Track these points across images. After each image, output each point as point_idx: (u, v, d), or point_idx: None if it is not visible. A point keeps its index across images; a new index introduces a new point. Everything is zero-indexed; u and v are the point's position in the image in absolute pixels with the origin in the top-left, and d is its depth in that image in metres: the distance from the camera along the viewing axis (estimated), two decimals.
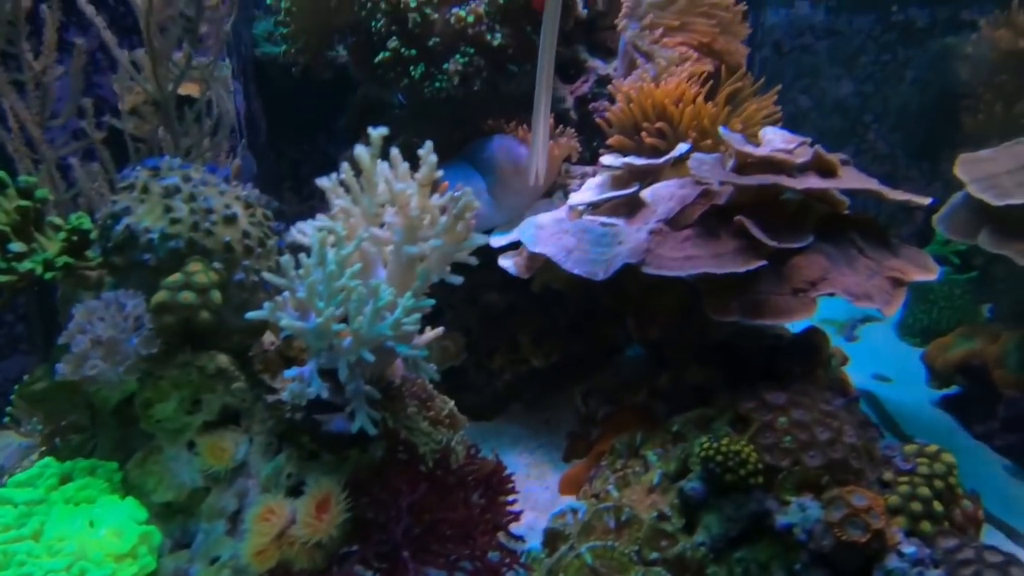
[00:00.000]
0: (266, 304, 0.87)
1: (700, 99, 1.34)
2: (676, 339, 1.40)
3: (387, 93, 1.72)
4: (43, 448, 1.07)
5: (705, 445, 0.98)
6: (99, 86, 1.42)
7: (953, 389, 1.58)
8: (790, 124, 1.87)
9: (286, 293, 0.90)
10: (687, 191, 1.16)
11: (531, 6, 1.30)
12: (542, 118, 1.14)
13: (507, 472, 1.10)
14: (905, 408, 1.62)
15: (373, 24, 1.35)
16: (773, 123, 1.44)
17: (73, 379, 0.81)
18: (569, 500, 1.24)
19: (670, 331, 1.41)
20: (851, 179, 1.20)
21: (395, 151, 1.03)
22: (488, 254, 1.45)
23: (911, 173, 2.49)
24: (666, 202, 1.17)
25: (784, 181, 1.10)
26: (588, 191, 1.38)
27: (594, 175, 1.45)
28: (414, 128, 1.62)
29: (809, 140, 1.24)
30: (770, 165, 1.19)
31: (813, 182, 1.13)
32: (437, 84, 1.38)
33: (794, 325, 1.34)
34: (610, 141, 1.44)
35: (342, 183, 1.03)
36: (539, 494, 1.31)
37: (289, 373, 0.88)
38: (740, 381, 1.25)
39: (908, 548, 0.87)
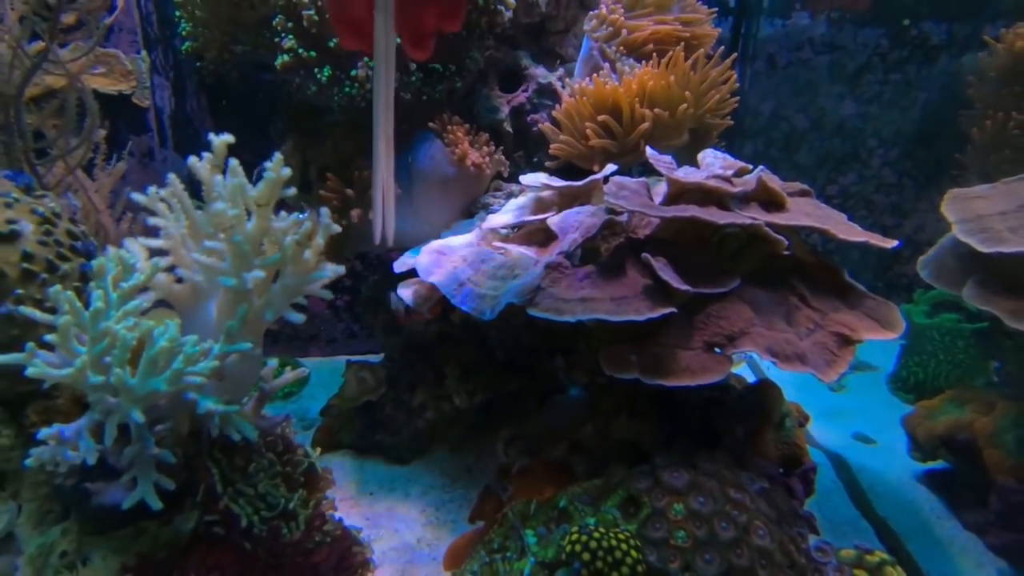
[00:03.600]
0: (28, 345, 0.72)
1: (652, 84, 1.16)
2: (606, 385, 1.21)
3: (321, 98, 1.59)
4: None
5: (574, 536, 0.79)
6: None
7: (940, 464, 1.34)
8: (784, 145, 1.67)
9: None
10: (595, 220, 0.98)
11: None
12: (383, 166, 0.95)
13: (357, 547, 0.93)
14: (882, 481, 1.39)
15: (276, 20, 1.21)
16: (730, 90, 1.23)
17: None
18: None
19: (599, 375, 1.22)
20: (799, 214, 0.99)
21: (233, 162, 0.88)
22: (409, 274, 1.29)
23: (921, 205, 2.24)
24: (572, 232, 0.98)
25: (708, 214, 0.90)
26: (508, 214, 1.20)
27: (520, 194, 1.28)
28: (349, 137, 1.47)
29: (751, 167, 1.04)
30: (703, 194, 0.99)
31: (744, 216, 0.93)
32: (347, 90, 1.23)
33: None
34: (553, 148, 1.27)
35: (164, 200, 0.88)
36: (423, 567, 1.12)
37: (45, 432, 0.72)
38: (675, 439, 1.06)
39: None
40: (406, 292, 1.18)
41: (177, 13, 1.37)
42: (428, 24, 0.91)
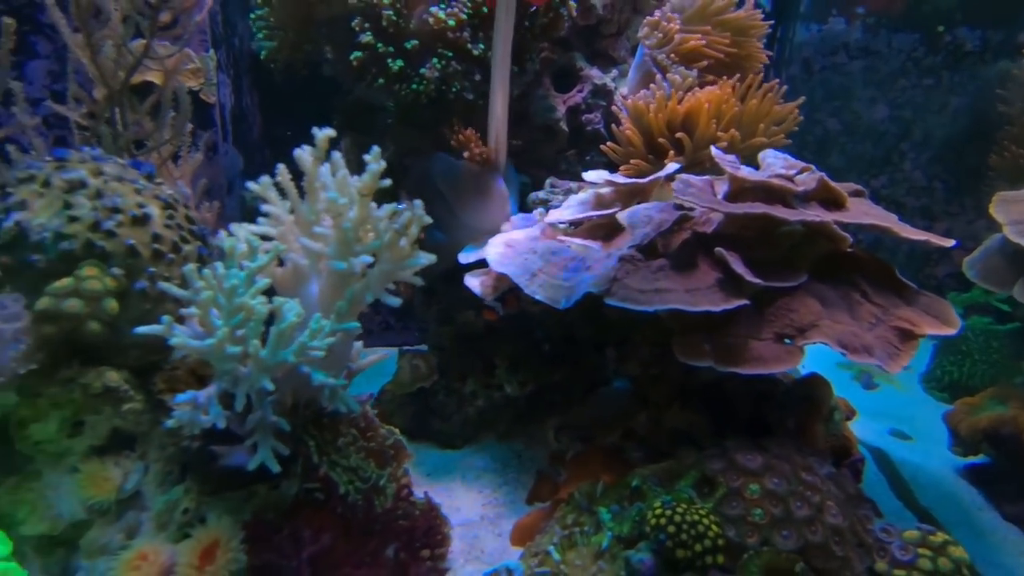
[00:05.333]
0: (164, 318, 0.78)
1: (719, 97, 1.21)
2: (658, 376, 1.26)
3: (376, 96, 1.64)
4: None
5: (658, 511, 0.84)
6: (76, 71, 1.38)
7: (980, 458, 1.39)
8: (817, 148, 1.71)
9: (193, 307, 0.81)
10: (666, 215, 1.03)
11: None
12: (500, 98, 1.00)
13: (441, 520, 0.98)
14: (923, 474, 1.43)
15: (355, 22, 1.26)
16: (778, 124, 1.28)
17: None
18: (518, 553, 1.11)
19: (651, 367, 1.27)
20: (860, 213, 1.04)
21: (336, 155, 0.93)
22: (465, 269, 1.34)
23: (952, 208, 2.28)
24: (643, 226, 1.04)
25: (777, 211, 0.96)
26: (569, 209, 1.26)
27: (579, 191, 1.33)
28: (401, 133, 1.53)
29: (812, 167, 1.09)
30: (767, 192, 1.04)
31: (813, 213, 0.98)
32: (414, 86, 1.29)
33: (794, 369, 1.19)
34: (624, 169, 1.31)
35: (277, 186, 0.94)
36: (488, 542, 1.18)
37: (181, 397, 0.78)
38: (726, 430, 1.11)
39: None
40: (474, 282, 1.23)
41: (252, 16, 1.42)
42: None
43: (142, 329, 0.76)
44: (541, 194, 1.36)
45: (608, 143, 1.36)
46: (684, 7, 1.43)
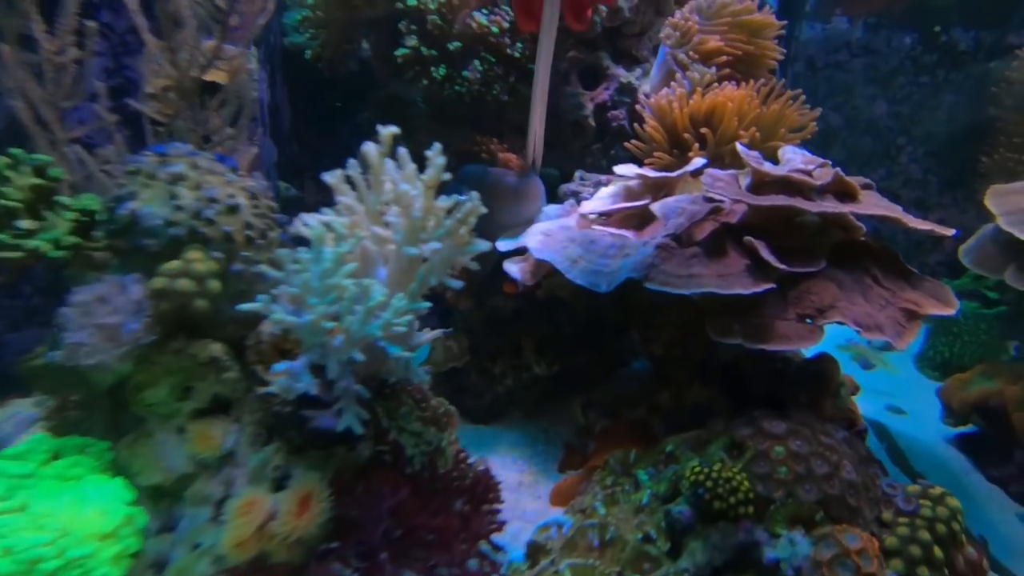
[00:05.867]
0: (260, 296, 0.87)
1: (742, 98, 1.32)
2: (680, 356, 1.37)
3: (408, 91, 1.73)
4: (45, 422, 1.10)
5: (696, 469, 0.96)
6: (128, 68, 1.45)
7: (969, 428, 1.52)
8: (820, 142, 1.83)
9: (283, 286, 0.90)
10: (697, 207, 1.13)
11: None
12: (539, 105, 1.10)
13: (495, 480, 1.09)
14: (917, 444, 1.57)
15: (401, 24, 1.35)
16: (798, 131, 1.40)
17: (68, 363, 0.82)
18: (558, 513, 1.22)
19: (674, 348, 1.38)
20: (871, 205, 1.16)
21: (403, 150, 1.03)
22: (497, 257, 1.44)
23: (944, 200, 2.41)
24: (675, 217, 1.14)
25: (800, 203, 1.07)
26: (600, 200, 1.36)
27: (608, 183, 1.43)
28: (431, 127, 1.62)
29: (829, 162, 1.20)
30: (787, 185, 1.15)
31: (830, 205, 1.09)
32: (457, 87, 1.38)
33: (805, 349, 1.31)
34: (647, 163, 1.41)
35: (348, 179, 1.03)
36: (528, 504, 1.29)
37: (278, 367, 0.88)
38: (743, 405, 1.22)
39: None
40: (513, 268, 1.33)
41: (298, 16, 1.50)
42: (586, 2, 1.03)
43: (244, 306, 0.86)
44: (572, 186, 1.46)
45: (632, 140, 1.46)
46: (703, 8, 1.53)
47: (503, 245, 1.38)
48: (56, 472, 0.85)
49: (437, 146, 1.03)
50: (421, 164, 1.03)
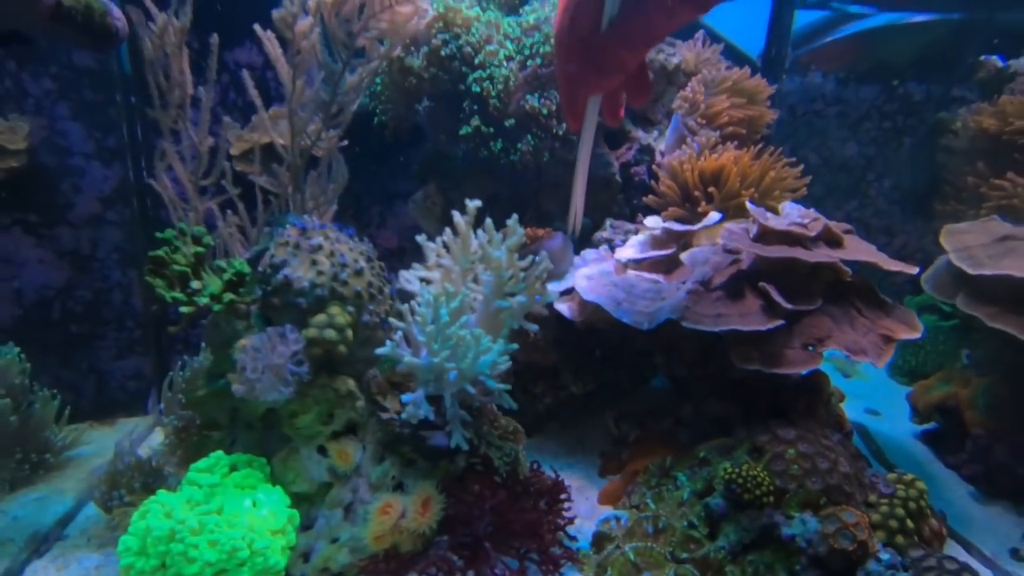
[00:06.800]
0: (388, 342, 1.11)
1: (745, 161, 1.60)
2: (699, 376, 1.64)
3: (452, 148, 1.98)
4: (171, 439, 1.32)
5: (728, 470, 1.22)
6: (215, 134, 1.69)
7: (932, 425, 1.82)
8: (799, 179, 2.09)
9: (400, 333, 1.14)
10: (720, 258, 1.41)
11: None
12: (579, 188, 1.32)
13: (565, 484, 1.33)
14: (891, 440, 1.86)
15: (465, 104, 1.60)
16: (792, 191, 1.69)
17: (247, 397, 1.05)
18: (607, 510, 1.47)
19: (694, 369, 1.65)
20: (854, 250, 1.44)
21: (489, 221, 1.27)
22: None
23: (907, 228, 2.75)
24: (701, 266, 1.41)
25: (800, 254, 1.34)
26: (632, 248, 1.62)
27: (636, 232, 1.70)
28: (473, 180, 1.87)
29: (820, 216, 1.49)
30: (788, 237, 1.43)
31: (823, 254, 1.37)
32: (512, 157, 1.63)
33: None
34: (665, 216, 1.68)
35: (445, 244, 1.27)
36: (580, 504, 1.53)
37: (406, 398, 1.12)
38: (751, 415, 1.49)
39: (885, 555, 1.10)
40: (563, 307, 1.59)
41: (371, 90, 1.74)
42: (620, 103, 1.26)
43: (381, 350, 1.10)
44: (605, 234, 1.73)
45: (650, 196, 1.73)
46: (708, 81, 1.82)
47: (552, 288, 1.63)
48: (235, 482, 1.06)
49: (515, 217, 1.28)
50: (461, 207, 1.25)
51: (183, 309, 1.10)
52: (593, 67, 0.98)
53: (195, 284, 1.12)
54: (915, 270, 1.47)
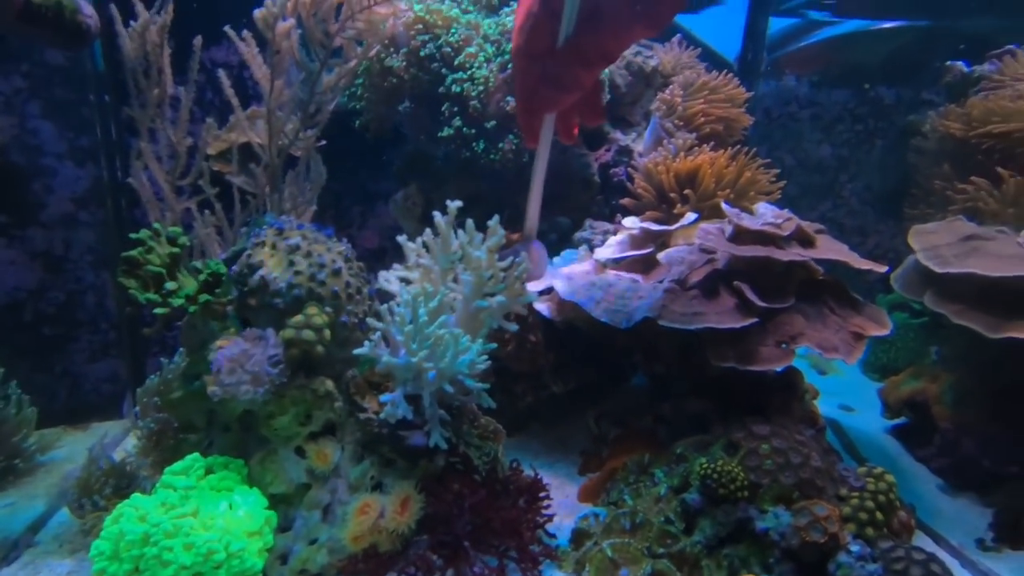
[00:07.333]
0: (367, 342, 1.11)
1: (720, 163, 1.63)
2: (677, 374, 1.66)
3: (432, 148, 1.98)
4: (144, 441, 1.30)
5: (704, 465, 1.24)
6: (193, 134, 1.67)
7: (902, 420, 1.87)
8: (775, 179, 2.15)
9: (378, 333, 1.14)
10: (695, 257, 1.43)
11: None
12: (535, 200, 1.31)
13: (544, 483, 1.34)
14: (863, 435, 1.91)
15: (445, 107, 1.60)
16: (766, 194, 1.73)
17: (225, 397, 1.04)
18: (587, 507, 1.48)
19: (673, 367, 1.67)
20: (826, 249, 1.48)
21: (470, 221, 1.28)
22: None
23: (879, 227, 2.82)
24: (678, 265, 1.43)
25: (774, 253, 1.37)
26: (611, 248, 1.64)
27: (615, 232, 1.72)
28: (454, 181, 1.87)
29: (793, 216, 1.52)
30: (762, 237, 1.46)
31: (796, 253, 1.40)
32: (492, 157, 1.64)
33: None
34: (642, 218, 1.71)
35: (425, 244, 1.27)
36: (559, 502, 1.54)
37: (385, 398, 1.12)
38: (729, 412, 1.51)
39: (855, 547, 1.13)
40: (542, 306, 1.60)
41: (349, 91, 1.74)
42: (574, 122, 1.29)
43: (360, 350, 1.09)
44: (585, 234, 1.74)
45: (627, 198, 1.75)
46: (687, 83, 1.85)
47: (531, 286, 1.64)
48: (211, 484, 1.06)
49: (496, 218, 1.28)
50: (442, 208, 1.25)
51: (158, 311, 1.09)
52: (550, 83, 0.99)
53: (170, 285, 1.11)
54: (884, 268, 1.51)
